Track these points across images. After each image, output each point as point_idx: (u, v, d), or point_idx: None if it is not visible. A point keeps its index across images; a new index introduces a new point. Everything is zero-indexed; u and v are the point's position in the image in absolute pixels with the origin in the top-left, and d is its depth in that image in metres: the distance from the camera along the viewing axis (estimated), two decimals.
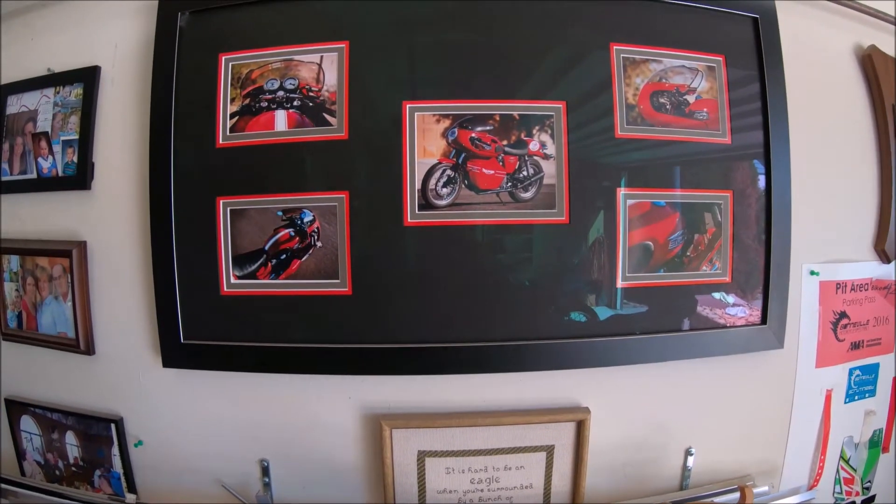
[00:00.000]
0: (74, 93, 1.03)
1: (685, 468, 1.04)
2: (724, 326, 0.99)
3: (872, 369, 1.16)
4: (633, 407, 1.02)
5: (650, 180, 0.96)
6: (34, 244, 1.05)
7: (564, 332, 0.94)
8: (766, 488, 1.06)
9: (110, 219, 1.00)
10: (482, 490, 0.97)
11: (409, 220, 0.90)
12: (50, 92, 1.05)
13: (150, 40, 0.96)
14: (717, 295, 0.99)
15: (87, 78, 1.01)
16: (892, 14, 1.10)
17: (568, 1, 0.94)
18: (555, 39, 0.93)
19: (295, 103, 0.92)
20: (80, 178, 1.01)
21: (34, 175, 1.06)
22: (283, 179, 0.91)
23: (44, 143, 1.05)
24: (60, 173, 1.04)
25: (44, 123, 1.06)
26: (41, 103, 1.06)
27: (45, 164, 1.05)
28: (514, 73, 0.92)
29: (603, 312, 0.95)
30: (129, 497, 1.03)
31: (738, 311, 1.00)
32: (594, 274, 0.94)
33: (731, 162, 0.99)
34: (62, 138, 1.04)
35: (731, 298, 1.00)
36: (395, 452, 0.94)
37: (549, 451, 0.97)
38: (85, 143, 1.01)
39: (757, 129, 1.00)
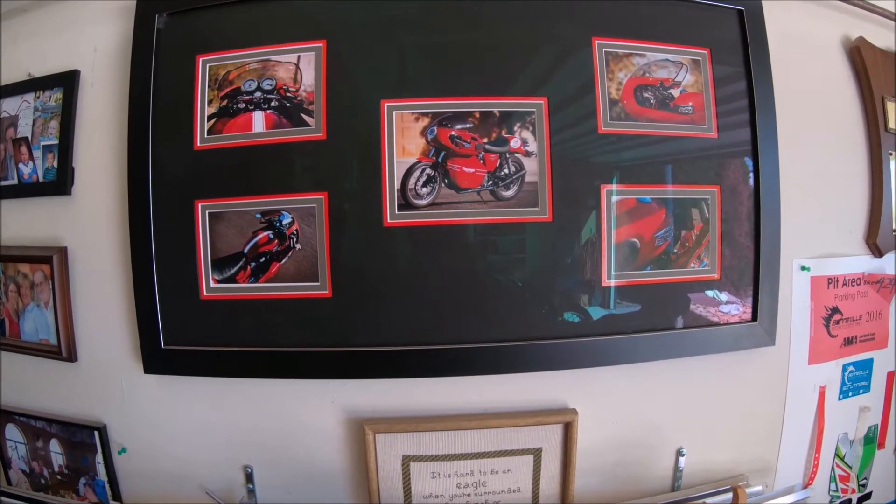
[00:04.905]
0: (54, 97, 1.02)
1: (677, 469, 1.03)
2: (717, 324, 0.97)
3: (866, 365, 1.14)
4: (622, 407, 1.00)
5: (636, 176, 0.94)
6: (15, 250, 1.04)
7: (557, 333, 0.92)
8: (759, 488, 1.04)
9: (91, 224, 0.99)
10: (469, 494, 0.96)
11: (388, 220, 0.89)
12: (30, 97, 1.04)
13: (129, 43, 0.95)
14: (710, 293, 0.97)
15: (67, 82, 1.00)
16: (880, 6, 1.09)
17: None
18: (536, 34, 0.92)
19: (272, 104, 0.90)
20: (60, 183, 1.00)
21: (15, 181, 1.05)
22: (262, 181, 0.90)
23: (24, 149, 1.04)
24: (41, 179, 1.03)
25: (24, 129, 1.05)
26: (22, 108, 1.05)
27: (26, 170, 1.04)
28: (494, 69, 0.91)
29: (596, 312, 0.94)
30: None
31: (732, 308, 0.99)
32: (587, 274, 0.93)
33: (718, 156, 0.97)
34: (42, 143, 1.03)
35: (724, 296, 0.98)
36: (379, 457, 0.93)
37: (537, 453, 0.95)
38: (65, 147, 1.00)
39: (744, 122, 0.98)
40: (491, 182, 0.90)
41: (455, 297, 0.91)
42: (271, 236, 0.90)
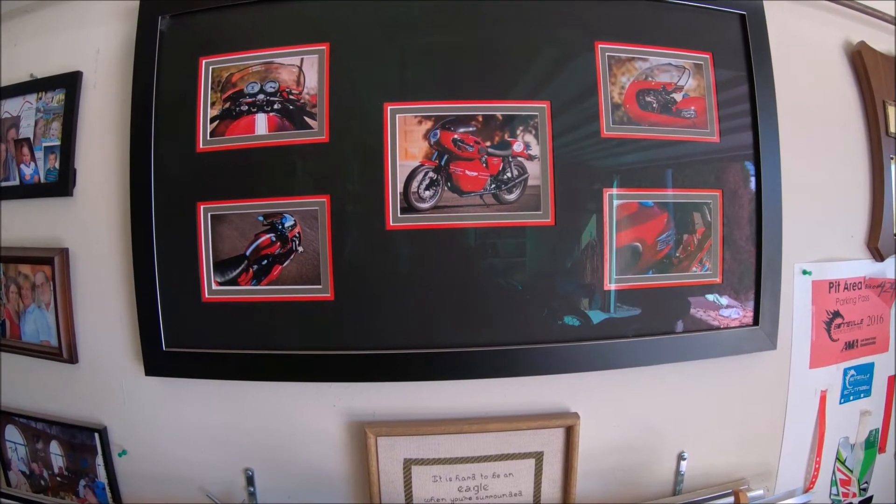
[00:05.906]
0: (56, 98, 1.02)
1: (678, 473, 1.03)
2: (718, 328, 0.97)
3: (867, 369, 1.14)
4: (624, 411, 1.00)
5: (637, 180, 0.94)
6: (16, 251, 1.04)
7: (557, 337, 0.92)
8: (761, 492, 1.04)
9: (92, 225, 0.99)
10: (470, 498, 0.95)
11: (391, 223, 0.89)
12: (32, 98, 1.04)
13: (132, 44, 0.95)
14: (710, 297, 0.97)
15: (69, 83, 1.00)
16: (881, 9, 1.09)
17: (552, 0, 0.93)
18: (539, 39, 0.92)
19: (275, 106, 0.90)
20: (61, 184, 1.00)
21: (17, 182, 1.05)
22: (264, 183, 0.90)
23: (26, 150, 1.04)
24: (42, 180, 1.03)
25: (26, 129, 1.05)
26: (24, 109, 1.05)
27: (28, 171, 1.04)
28: (498, 73, 0.91)
29: (596, 316, 0.93)
30: None
31: (732, 312, 0.99)
32: (588, 278, 0.93)
33: (720, 160, 0.97)
34: (44, 144, 1.03)
35: (724, 300, 0.98)
36: (381, 460, 0.92)
37: (539, 457, 0.95)
38: (67, 149, 1.00)
39: (746, 126, 0.98)
40: (494, 186, 0.90)
41: (456, 301, 0.91)
42: (273, 239, 0.90)
